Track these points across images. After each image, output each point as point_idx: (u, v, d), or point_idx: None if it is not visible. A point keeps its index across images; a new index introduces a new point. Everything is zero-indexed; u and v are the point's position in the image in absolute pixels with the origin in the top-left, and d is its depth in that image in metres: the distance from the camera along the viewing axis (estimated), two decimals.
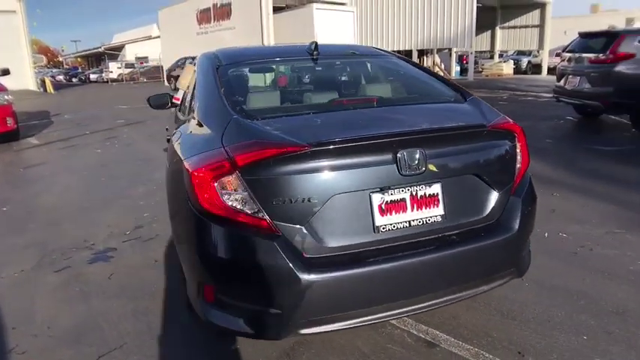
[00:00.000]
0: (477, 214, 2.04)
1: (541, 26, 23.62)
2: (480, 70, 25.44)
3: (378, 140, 1.83)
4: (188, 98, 3.08)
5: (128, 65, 34.26)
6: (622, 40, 6.91)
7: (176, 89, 20.40)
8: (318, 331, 1.85)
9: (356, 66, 2.91)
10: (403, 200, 1.88)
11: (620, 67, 6.86)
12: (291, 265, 1.70)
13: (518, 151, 2.16)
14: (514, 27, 25.02)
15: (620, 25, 20.93)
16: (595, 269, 3.05)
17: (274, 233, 1.74)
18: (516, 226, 2.08)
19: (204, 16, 22.16)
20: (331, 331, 1.90)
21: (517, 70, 24.91)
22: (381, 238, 1.86)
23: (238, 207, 1.76)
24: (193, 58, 18.69)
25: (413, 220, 1.89)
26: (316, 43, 2.67)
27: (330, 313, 1.82)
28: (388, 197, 1.85)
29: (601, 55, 7.10)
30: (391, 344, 2.34)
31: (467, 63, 23.13)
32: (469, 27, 18.43)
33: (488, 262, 2.05)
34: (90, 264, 3.43)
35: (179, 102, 3.27)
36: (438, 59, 23.82)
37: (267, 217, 1.74)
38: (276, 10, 18.91)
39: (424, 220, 1.91)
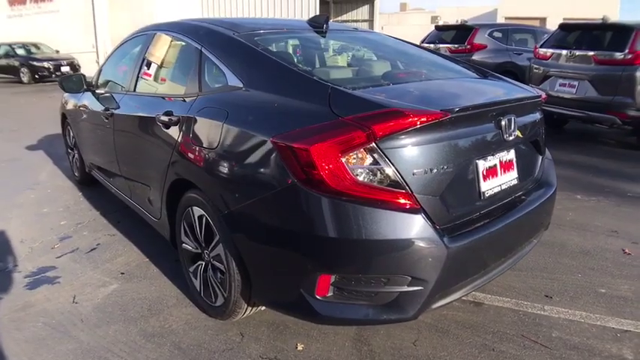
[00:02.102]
0: (532, 175, 2.24)
1: (370, 21, 25.91)
2: None
3: (493, 107, 1.89)
4: (175, 71, 2.62)
5: None
6: (476, 32, 8.11)
7: None
8: (447, 302, 1.83)
9: (370, 41, 2.84)
10: (495, 166, 1.96)
11: (477, 56, 8.05)
12: (438, 237, 1.64)
13: None
14: (346, 21, 26.92)
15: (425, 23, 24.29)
16: None
17: (415, 206, 1.64)
18: (555, 183, 2.36)
19: None
20: (454, 300, 1.88)
21: None
22: (485, 203, 1.91)
23: (374, 181, 1.61)
24: (11, 45, 15.37)
25: (503, 184, 1.99)
26: (327, 16, 2.54)
27: (458, 282, 1.81)
28: (487, 163, 1.91)
29: (460, 46, 8.20)
30: (445, 310, 2.41)
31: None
32: None
33: (542, 216, 2.27)
34: (31, 290, 2.68)
35: (150, 77, 2.74)
36: None
37: (408, 189, 1.63)
38: None
39: (507, 183, 2.03)
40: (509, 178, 2.04)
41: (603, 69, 5.51)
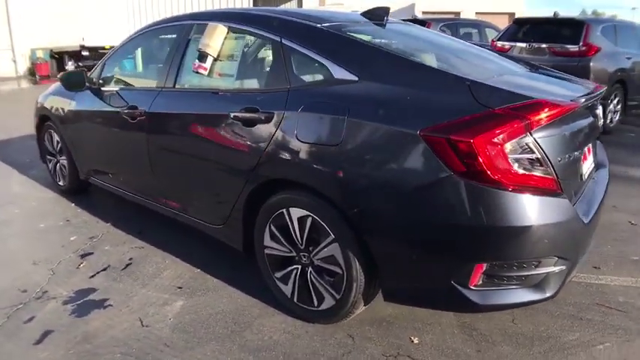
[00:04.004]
0: (596, 158, 2.46)
1: None
2: None
3: (594, 98, 2.10)
4: (244, 64, 2.52)
5: None
6: (429, 27, 8.45)
7: None
8: (571, 278, 1.98)
9: (429, 36, 2.87)
10: (585, 151, 2.13)
11: None
12: (579, 217, 1.78)
13: None
14: None
15: None
16: None
17: (560, 191, 1.76)
18: (607, 163, 2.61)
19: None
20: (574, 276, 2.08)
21: None
22: (582, 184, 2.10)
23: (530, 169, 1.70)
24: None
25: (589, 167, 2.22)
26: (388, 9, 2.54)
27: (581, 258, 1.98)
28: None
29: None
30: None
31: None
32: None
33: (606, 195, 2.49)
34: (81, 318, 2.37)
35: (205, 71, 2.52)
36: None
37: (556, 175, 1.74)
38: None
39: (590, 166, 2.25)
40: (590, 161, 2.27)
41: (560, 60, 6.05)
